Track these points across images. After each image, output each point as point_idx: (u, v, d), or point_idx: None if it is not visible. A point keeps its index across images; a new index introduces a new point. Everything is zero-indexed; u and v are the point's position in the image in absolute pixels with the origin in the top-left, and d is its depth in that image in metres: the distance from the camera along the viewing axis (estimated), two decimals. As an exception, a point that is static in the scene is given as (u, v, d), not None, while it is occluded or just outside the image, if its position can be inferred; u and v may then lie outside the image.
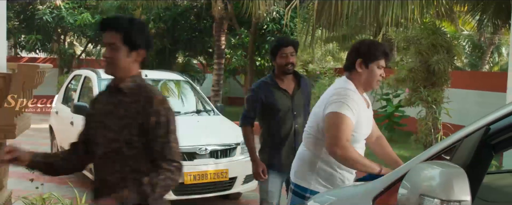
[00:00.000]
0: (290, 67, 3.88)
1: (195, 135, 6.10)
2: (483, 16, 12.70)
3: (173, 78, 7.58)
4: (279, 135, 3.89)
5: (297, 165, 3.10)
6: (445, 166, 1.47)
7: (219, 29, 13.37)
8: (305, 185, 3.00)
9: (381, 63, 2.92)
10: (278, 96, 3.88)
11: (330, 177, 2.94)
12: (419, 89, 7.74)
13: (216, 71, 13.64)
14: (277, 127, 3.89)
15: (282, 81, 3.94)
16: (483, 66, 22.79)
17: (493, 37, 21.16)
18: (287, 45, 3.89)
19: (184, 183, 5.52)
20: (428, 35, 8.56)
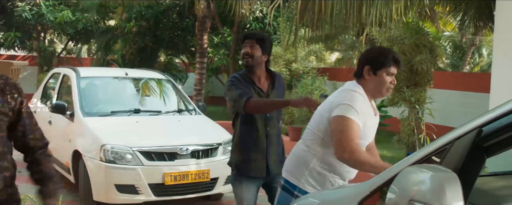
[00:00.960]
0: (248, 59, 3.64)
1: (176, 135, 6.01)
2: (464, 17, 12.75)
3: (154, 77, 7.46)
4: (250, 138, 3.69)
5: (291, 161, 3.05)
6: (436, 170, 1.40)
7: (201, 28, 13.25)
8: (294, 182, 2.95)
9: (391, 70, 2.84)
10: (255, 94, 3.64)
11: (321, 179, 2.89)
12: (402, 89, 7.72)
13: (199, 70, 13.51)
14: (248, 131, 3.69)
15: (256, 79, 3.72)
16: (464, 66, 23.00)
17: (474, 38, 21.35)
18: (249, 37, 3.72)
19: (164, 183, 5.42)
20: (411, 35, 8.56)
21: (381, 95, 2.90)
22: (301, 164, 2.94)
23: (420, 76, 8.49)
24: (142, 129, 6.03)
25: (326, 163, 2.87)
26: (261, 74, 3.74)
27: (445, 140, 1.60)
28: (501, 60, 5.04)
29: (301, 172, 2.93)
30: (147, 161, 5.41)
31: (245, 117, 3.68)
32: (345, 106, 2.73)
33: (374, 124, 2.96)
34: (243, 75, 3.72)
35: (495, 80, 5.04)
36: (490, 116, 1.50)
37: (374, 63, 2.83)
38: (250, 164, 3.69)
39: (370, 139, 2.97)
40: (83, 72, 6.98)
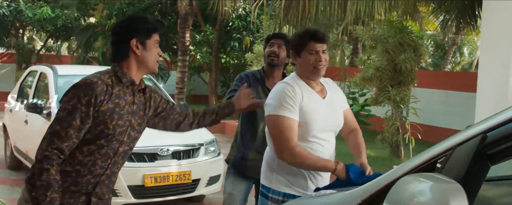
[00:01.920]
0: (274, 58, 3.59)
1: (156, 135, 5.76)
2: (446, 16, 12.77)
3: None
4: (247, 136, 3.64)
5: (263, 164, 2.95)
6: (438, 180, 1.28)
7: (184, 25, 13.07)
8: (267, 185, 2.85)
9: (312, 47, 2.71)
10: (258, 94, 3.56)
11: (291, 175, 2.77)
12: (387, 88, 7.65)
13: (181, 68, 13.33)
14: (247, 126, 3.65)
15: (269, 79, 3.66)
16: (445, 65, 23.13)
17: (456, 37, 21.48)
18: (278, 37, 3.68)
19: (144, 185, 5.27)
20: (395, 34, 8.50)
21: (313, 75, 2.76)
22: (269, 165, 2.86)
23: (403, 75, 8.45)
24: (122, 129, 5.86)
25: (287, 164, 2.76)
26: (277, 75, 3.66)
27: (445, 147, 1.48)
28: (487, 59, 4.98)
29: (270, 172, 2.84)
30: (126, 162, 5.23)
31: (245, 115, 3.65)
32: (274, 104, 2.68)
33: (328, 107, 2.80)
34: (257, 73, 3.72)
35: (482, 79, 4.98)
36: (496, 121, 1.37)
37: (295, 46, 2.78)
38: (246, 163, 3.62)
39: (326, 122, 2.78)
40: (61, 70, 6.78)
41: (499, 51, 4.79)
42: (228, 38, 15.44)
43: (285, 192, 2.78)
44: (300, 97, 2.69)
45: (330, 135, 2.84)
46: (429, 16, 20.20)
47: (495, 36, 4.85)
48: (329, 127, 2.82)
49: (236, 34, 15.15)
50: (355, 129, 3.03)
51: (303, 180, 2.77)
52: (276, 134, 2.67)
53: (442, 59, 24.16)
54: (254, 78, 3.66)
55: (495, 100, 4.81)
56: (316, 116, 2.72)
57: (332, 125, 2.84)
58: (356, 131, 3.03)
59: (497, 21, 4.83)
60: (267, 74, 3.67)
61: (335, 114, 2.87)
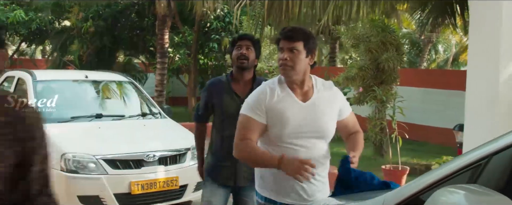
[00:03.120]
0: (243, 60, 3.43)
1: (142, 141, 5.71)
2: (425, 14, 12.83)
3: (116, 79, 7.10)
4: (221, 143, 3.48)
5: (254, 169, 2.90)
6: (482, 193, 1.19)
7: (162, 27, 12.89)
8: (256, 187, 2.84)
9: (280, 45, 2.65)
10: (226, 99, 3.46)
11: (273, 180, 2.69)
12: (373, 87, 7.63)
13: (160, 70, 13.14)
14: (220, 133, 3.50)
15: (237, 82, 3.52)
16: (421, 63, 23.33)
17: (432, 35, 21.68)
18: (244, 38, 3.55)
19: (131, 193, 5.12)
20: (377, 33, 8.51)
21: (282, 75, 2.66)
22: (256, 169, 2.83)
23: (386, 74, 8.45)
24: (105, 135, 5.70)
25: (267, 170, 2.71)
26: (247, 78, 3.53)
27: (478, 155, 1.40)
28: (476, 57, 4.96)
29: (257, 176, 2.82)
30: (112, 169, 5.10)
31: (216, 121, 3.57)
32: (244, 103, 2.76)
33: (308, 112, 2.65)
34: (225, 78, 3.57)
35: (471, 78, 4.94)
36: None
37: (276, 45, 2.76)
38: (218, 170, 3.52)
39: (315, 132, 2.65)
40: (39, 75, 6.57)
41: (488, 49, 4.76)
42: (206, 39, 15.28)
43: (266, 197, 2.73)
44: (269, 99, 2.62)
45: (313, 142, 2.67)
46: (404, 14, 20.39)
47: (484, 34, 4.83)
48: (308, 133, 2.65)
49: (215, 35, 15.00)
50: (356, 131, 2.91)
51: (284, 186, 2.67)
52: (235, 132, 2.71)
53: (417, 57, 24.37)
54: (219, 84, 3.55)
55: (485, 99, 4.79)
56: (287, 120, 2.60)
57: (313, 131, 2.66)
58: (356, 132, 2.90)
59: (485, 18, 4.81)
60: (235, 78, 3.53)
61: (318, 120, 2.68)
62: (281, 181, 2.66)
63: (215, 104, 3.51)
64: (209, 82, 3.65)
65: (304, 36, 2.62)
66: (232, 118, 3.27)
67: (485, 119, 4.76)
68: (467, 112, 5.01)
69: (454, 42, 25.67)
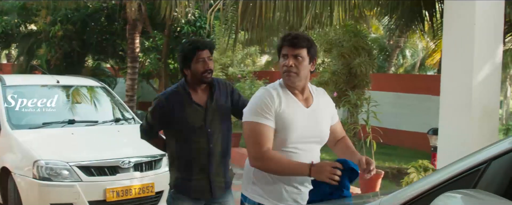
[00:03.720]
0: (208, 74, 3.24)
1: (116, 147, 5.63)
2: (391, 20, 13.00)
3: (88, 84, 6.98)
4: (189, 158, 3.27)
5: (243, 173, 2.86)
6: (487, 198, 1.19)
7: (133, 31, 12.74)
8: (245, 194, 2.77)
9: (283, 51, 2.65)
10: (190, 111, 3.24)
11: (266, 186, 2.68)
12: (347, 92, 7.68)
13: (130, 75, 12.97)
14: (186, 148, 3.27)
15: (195, 92, 3.30)
16: (389, 68, 23.68)
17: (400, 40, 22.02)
18: (204, 48, 3.24)
19: (106, 200, 5.03)
20: (350, 38, 8.58)
21: (285, 80, 2.68)
22: (247, 174, 2.79)
23: (358, 79, 8.53)
24: (79, 141, 5.59)
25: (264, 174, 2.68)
26: (204, 85, 3.33)
27: (476, 160, 1.41)
28: (450, 62, 5.03)
29: (248, 182, 2.77)
30: (86, 176, 5.00)
31: (179, 135, 3.29)
32: (250, 110, 2.63)
33: (311, 117, 2.70)
34: (181, 88, 3.30)
35: (445, 82, 5.02)
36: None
37: (278, 53, 2.72)
38: (190, 183, 3.29)
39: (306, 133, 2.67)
40: (9, 80, 6.40)
41: (462, 54, 4.84)
42: (177, 44, 15.16)
43: (260, 203, 2.69)
44: (278, 104, 2.60)
45: (312, 147, 2.73)
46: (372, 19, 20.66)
47: (457, 39, 4.90)
48: (310, 138, 2.70)
49: (186, 40, 14.90)
50: (344, 136, 2.95)
51: (279, 192, 2.67)
52: (249, 140, 2.60)
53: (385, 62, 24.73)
54: (177, 96, 3.28)
55: (459, 103, 4.86)
56: (295, 125, 2.63)
57: (314, 136, 2.73)
58: (345, 137, 2.95)
59: (459, 24, 4.88)
60: (193, 87, 3.30)
61: (318, 125, 2.75)
62: (277, 187, 2.66)
63: (177, 118, 3.25)
64: (164, 96, 3.32)
65: (308, 43, 2.66)
66: (199, 129, 3.23)
67: (459, 123, 4.83)
68: (442, 116, 5.08)
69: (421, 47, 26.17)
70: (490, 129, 4.85)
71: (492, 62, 4.81)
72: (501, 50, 5.07)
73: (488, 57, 4.80)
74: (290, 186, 2.66)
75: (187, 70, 3.26)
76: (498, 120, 5.10)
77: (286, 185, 2.66)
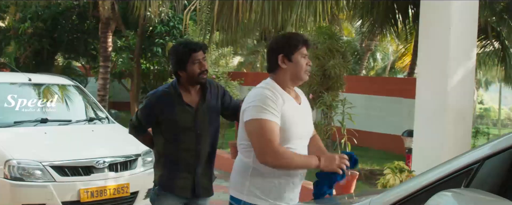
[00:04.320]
0: (204, 75, 3.28)
1: (91, 147, 5.52)
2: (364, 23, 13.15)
3: (61, 83, 6.84)
4: (176, 158, 3.30)
5: (233, 175, 2.83)
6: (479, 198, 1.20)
7: (105, 30, 12.57)
8: (239, 197, 2.73)
9: (304, 52, 2.73)
10: (180, 112, 3.25)
11: (265, 185, 2.67)
12: (322, 93, 7.72)
13: (102, 74, 12.80)
14: (174, 147, 3.30)
15: (187, 92, 3.31)
16: (361, 71, 23.95)
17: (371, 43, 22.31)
18: (199, 49, 3.25)
19: (80, 201, 4.93)
20: (324, 40, 8.62)
21: (301, 80, 2.76)
22: (241, 175, 2.75)
23: (332, 81, 8.58)
24: (52, 141, 5.47)
25: (263, 170, 2.66)
26: (198, 87, 3.36)
27: (469, 159, 1.42)
28: (425, 65, 5.10)
29: (242, 183, 2.73)
30: (59, 176, 4.90)
31: (168, 135, 3.30)
32: (255, 108, 2.61)
33: (302, 112, 2.79)
34: (173, 90, 3.31)
35: (420, 84, 5.08)
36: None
37: (287, 49, 2.71)
38: (175, 181, 3.32)
39: (303, 128, 2.77)
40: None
41: (436, 58, 4.91)
42: (150, 44, 15.06)
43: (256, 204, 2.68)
44: (281, 102, 2.64)
45: (303, 142, 2.80)
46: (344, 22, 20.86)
47: (433, 43, 4.97)
48: (304, 133, 2.79)
49: (159, 40, 14.81)
50: (315, 134, 3.01)
51: (276, 190, 2.68)
52: (257, 137, 2.59)
53: (357, 65, 25.01)
54: (167, 97, 3.29)
55: (434, 106, 4.93)
56: (296, 122, 2.68)
57: (307, 131, 2.83)
58: (315, 136, 3.00)
59: (435, 27, 4.96)
60: (185, 87, 3.32)
61: (309, 121, 2.87)
62: (272, 187, 2.66)
63: (166, 118, 3.27)
64: (155, 96, 3.33)
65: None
66: (189, 130, 3.27)
67: (434, 125, 4.90)
68: (417, 118, 5.15)
69: (391, 50, 26.55)
70: (464, 132, 4.94)
71: (466, 66, 4.90)
72: (474, 54, 5.17)
73: (463, 60, 4.89)
74: (285, 183, 2.68)
75: (182, 72, 3.27)
76: (472, 123, 5.20)
77: (281, 183, 2.67)
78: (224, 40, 11.43)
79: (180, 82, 3.33)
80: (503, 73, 13.49)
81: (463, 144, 4.88)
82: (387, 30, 13.23)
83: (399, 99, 11.06)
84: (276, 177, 2.66)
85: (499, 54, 11.93)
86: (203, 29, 8.89)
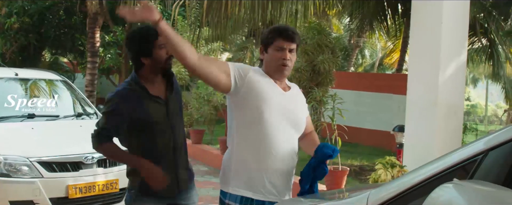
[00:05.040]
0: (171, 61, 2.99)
1: (79, 142, 5.42)
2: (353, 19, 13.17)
3: (48, 78, 6.74)
4: (156, 156, 2.96)
5: (222, 168, 2.78)
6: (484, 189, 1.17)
7: (93, 25, 12.45)
8: (225, 189, 2.69)
9: (279, 44, 2.66)
10: (151, 107, 2.94)
11: (247, 178, 2.63)
12: (312, 89, 7.70)
13: (90, 70, 12.68)
14: (150, 145, 2.97)
15: (152, 84, 2.98)
16: (349, 67, 24.00)
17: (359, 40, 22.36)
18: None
19: (68, 197, 4.86)
20: (313, 35, 8.60)
21: (277, 72, 2.68)
22: (227, 168, 2.71)
23: (322, 76, 8.56)
24: (39, 136, 5.38)
25: (246, 159, 2.64)
26: (160, 76, 3.05)
27: (472, 151, 1.39)
28: (417, 61, 5.10)
29: (228, 176, 2.69)
30: (47, 172, 4.83)
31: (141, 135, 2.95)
32: None
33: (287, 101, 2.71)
34: (134, 84, 2.95)
35: (411, 80, 5.08)
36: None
37: (265, 41, 2.73)
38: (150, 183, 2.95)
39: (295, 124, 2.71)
40: None
41: (428, 53, 4.91)
42: (138, 39, 14.94)
43: (243, 196, 2.63)
44: (253, 72, 2.64)
45: (290, 133, 2.69)
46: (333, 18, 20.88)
47: (424, 38, 4.97)
48: (288, 120, 2.67)
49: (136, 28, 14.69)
50: (312, 130, 2.96)
51: (260, 181, 2.63)
52: None
53: (345, 61, 25.06)
54: (133, 94, 2.92)
55: (425, 101, 4.92)
56: (269, 97, 2.63)
57: (291, 119, 2.69)
58: (313, 131, 2.96)
59: (426, 23, 4.95)
60: (150, 80, 2.98)
61: (295, 110, 2.76)
62: (255, 177, 2.62)
63: (139, 117, 2.91)
64: (120, 96, 2.92)
65: (299, 39, 2.74)
66: (163, 125, 2.98)
67: (426, 121, 4.90)
68: (408, 113, 5.14)
69: (380, 47, 26.63)
70: (455, 127, 4.94)
71: (457, 61, 4.90)
72: (466, 49, 5.17)
73: (454, 55, 4.89)
74: (272, 175, 2.63)
75: (146, 58, 2.92)
76: (463, 118, 5.20)
77: (268, 174, 2.62)
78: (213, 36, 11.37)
79: (140, 75, 2.97)
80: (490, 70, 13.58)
81: (454, 139, 4.88)
82: (376, 26, 13.29)
83: (389, 95, 11.08)
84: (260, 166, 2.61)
85: (486, 50, 12.00)
86: (192, 24, 8.82)
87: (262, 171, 2.62)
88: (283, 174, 2.67)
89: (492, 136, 1.40)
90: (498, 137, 1.36)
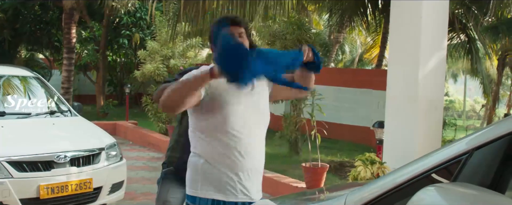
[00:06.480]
0: None
1: (51, 141, 5.28)
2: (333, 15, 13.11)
3: (20, 74, 6.55)
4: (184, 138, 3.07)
5: (187, 172, 2.61)
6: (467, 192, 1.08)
7: (69, 21, 12.19)
8: (193, 194, 2.54)
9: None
10: None
11: (215, 178, 2.50)
12: (291, 85, 7.60)
13: (66, 67, 12.42)
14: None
15: None
16: (329, 63, 23.99)
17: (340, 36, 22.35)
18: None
19: (39, 198, 4.70)
20: (293, 31, 8.52)
21: None
22: (193, 171, 2.57)
23: (303, 72, 8.49)
24: (10, 135, 5.20)
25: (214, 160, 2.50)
26: None
27: (456, 151, 1.30)
28: (397, 56, 5.05)
29: (196, 179, 2.55)
30: (17, 172, 4.65)
31: None
32: None
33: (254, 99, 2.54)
34: None
35: (391, 75, 5.02)
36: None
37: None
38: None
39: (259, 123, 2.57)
40: None
41: (408, 48, 4.85)
42: (116, 35, 14.72)
43: (214, 199, 2.50)
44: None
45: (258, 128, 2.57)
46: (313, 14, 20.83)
47: (404, 33, 4.92)
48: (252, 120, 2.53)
49: (125, 31, 14.49)
50: None
51: (231, 182, 2.51)
52: None
53: (325, 57, 25.04)
54: None
55: (405, 97, 4.87)
56: (235, 102, 2.46)
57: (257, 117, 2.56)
58: None
59: (406, 18, 4.90)
60: None
61: (261, 109, 2.59)
62: (225, 179, 2.49)
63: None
64: None
65: (245, 23, 2.60)
66: None
67: (405, 116, 4.84)
68: (388, 109, 5.08)
69: (359, 42, 26.70)
70: (435, 122, 4.89)
71: (437, 56, 4.85)
72: (445, 44, 5.13)
73: (434, 50, 4.84)
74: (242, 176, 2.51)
75: None
76: (443, 113, 5.16)
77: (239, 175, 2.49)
78: (192, 32, 11.22)
79: None
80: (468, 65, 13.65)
81: (434, 135, 4.84)
82: (355, 22, 13.25)
83: (369, 91, 11.04)
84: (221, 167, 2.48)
85: (465, 46, 12.05)
86: (170, 19, 8.66)
87: (232, 172, 2.50)
88: (253, 174, 2.56)
89: (476, 135, 1.31)
90: (482, 136, 1.27)
